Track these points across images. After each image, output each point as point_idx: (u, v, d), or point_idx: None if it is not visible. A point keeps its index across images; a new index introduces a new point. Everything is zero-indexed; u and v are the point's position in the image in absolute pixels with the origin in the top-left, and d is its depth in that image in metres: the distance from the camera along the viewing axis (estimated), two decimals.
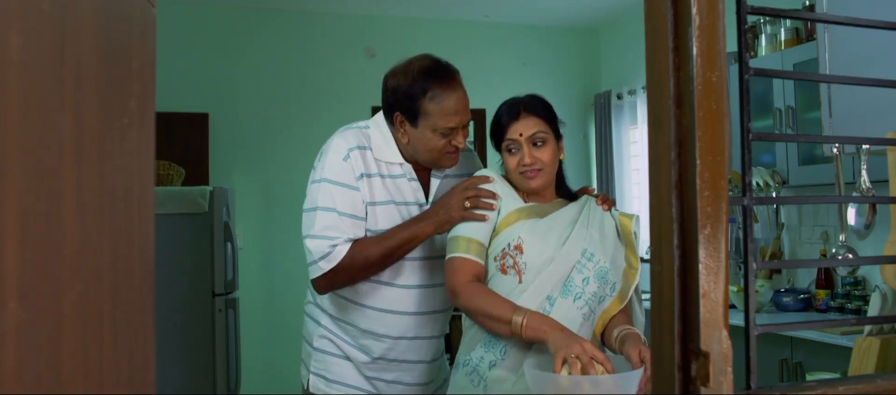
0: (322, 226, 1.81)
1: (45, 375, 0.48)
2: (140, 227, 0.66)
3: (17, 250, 0.45)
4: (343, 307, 1.93)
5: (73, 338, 0.52)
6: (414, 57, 1.90)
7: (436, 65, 1.85)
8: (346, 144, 1.87)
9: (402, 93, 1.84)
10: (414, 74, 1.83)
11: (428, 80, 1.81)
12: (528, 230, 1.74)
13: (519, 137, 1.75)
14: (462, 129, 1.85)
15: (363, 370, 1.93)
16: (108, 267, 0.58)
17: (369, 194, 1.85)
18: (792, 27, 3.77)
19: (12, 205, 0.45)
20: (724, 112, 0.72)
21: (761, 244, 4.09)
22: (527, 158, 1.75)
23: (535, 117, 1.76)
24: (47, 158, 0.49)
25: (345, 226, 1.81)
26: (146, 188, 0.68)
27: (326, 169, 1.85)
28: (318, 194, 1.84)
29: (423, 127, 1.82)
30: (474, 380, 1.71)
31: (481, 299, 1.69)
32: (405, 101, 1.83)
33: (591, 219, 1.79)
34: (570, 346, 1.52)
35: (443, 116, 1.80)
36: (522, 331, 1.61)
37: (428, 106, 1.81)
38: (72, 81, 0.52)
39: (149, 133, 0.68)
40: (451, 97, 1.81)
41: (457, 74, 1.87)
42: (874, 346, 1.78)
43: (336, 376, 1.95)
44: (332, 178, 1.84)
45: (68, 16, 0.52)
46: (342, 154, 1.85)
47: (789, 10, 0.89)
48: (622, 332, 1.70)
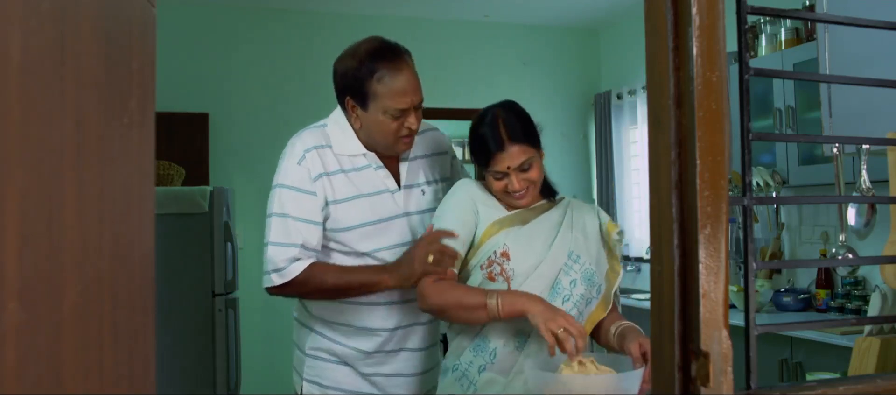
0: (276, 232, 1.82)
1: (45, 375, 0.48)
2: (140, 227, 0.66)
3: (17, 250, 0.45)
4: (336, 309, 1.90)
5: (73, 338, 0.52)
6: (362, 40, 1.88)
7: (383, 46, 1.82)
8: (303, 146, 1.86)
9: (351, 76, 1.82)
10: (361, 57, 1.81)
11: (375, 61, 1.79)
12: (513, 237, 1.73)
13: (507, 170, 1.71)
14: (414, 110, 1.82)
15: (360, 368, 1.91)
16: (108, 267, 0.58)
17: (332, 193, 1.84)
18: (792, 27, 3.77)
19: (12, 205, 0.45)
20: (724, 112, 0.72)
21: (761, 244, 4.09)
22: (516, 183, 1.71)
23: (520, 145, 1.69)
24: (48, 158, 0.49)
25: (298, 231, 1.80)
26: (146, 188, 0.68)
27: (281, 174, 1.86)
28: (273, 201, 1.86)
29: (374, 110, 1.80)
30: (463, 384, 1.71)
31: (451, 293, 1.69)
32: (354, 83, 1.81)
33: (574, 221, 1.79)
34: (553, 319, 1.53)
35: (393, 97, 1.78)
36: (499, 311, 1.61)
37: (377, 87, 1.78)
38: (72, 81, 0.52)
39: (149, 133, 0.68)
40: (399, 78, 1.78)
41: (405, 55, 1.84)
42: (874, 346, 1.78)
43: (331, 381, 1.92)
44: (285, 182, 1.84)
45: (68, 16, 0.52)
46: (297, 157, 1.85)
47: (789, 10, 0.89)
48: (619, 327, 1.71)
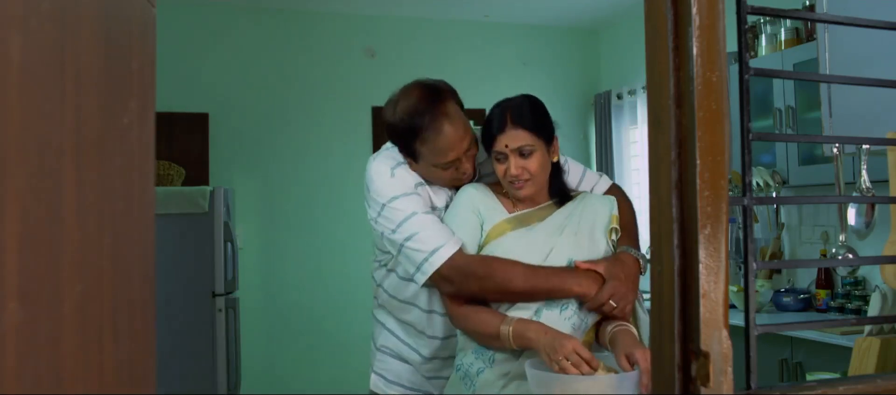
0: (412, 230, 1.74)
1: (45, 375, 0.48)
2: (140, 227, 0.66)
3: (17, 250, 0.45)
4: (401, 309, 1.93)
5: (73, 338, 0.52)
6: (402, 89, 1.82)
7: (421, 102, 1.76)
8: (387, 166, 1.82)
9: (396, 134, 1.80)
10: (401, 116, 1.77)
11: (415, 119, 1.74)
12: (513, 242, 1.73)
13: (505, 149, 1.71)
14: (465, 155, 1.79)
15: (421, 370, 1.94)
16: (108, 267, 0.58)
17: (429, 201, 1.82)
18: (792, 27, 3.77)
19: (13, 205, 0.45)
20: (724, 112, 0.72)
21: (761, 244, 4.09)
22: (513, 168, 1.71)
23: (522, 129, 1.70)
24: (48, 158, 0.49)
25: (431, 221, 1.75)
26: (146, 188, 0.68)
27: (382, 192, 1.78)
28: (390, 216, 1.77)
29: (424, 164, 1.79)
30: (466, 384, 1.73)
31: (471, 320, 1.71)
32: (400, 142, 1.80)
33: (581, 223, 1.76)
34: (561, 348, 1.53)
35: (438, 155, 1.76)
36: (510, 341, 1.64)
37: (421, 148, 1.76)
38: (72, 80, 0.52)
39: (149, 133, 0.68)
40: (440, 138, 1.74)
41: (447, 103, 1.77)
42: (874, 346, 1.78)
43: (394, 376, 1.97)
44: (394, 194, 1.78)
45: (68, 16, 0.52)
46: (387, 174, 1.80)
47: (789, 10, 0.89)
48: (615, 329, 1.68)
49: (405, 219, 1.75)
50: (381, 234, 1.82)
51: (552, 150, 1.77)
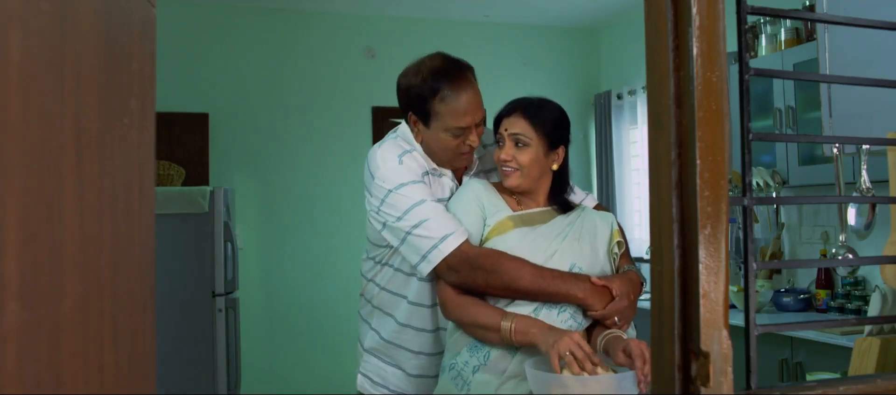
0: (421, 216, 1.74)
1: (45, 375, 0.48)
2: (140, 227, 0.66)
3: (17, 250, 0.45)
4: (390, 303, 1.92)
5: (73, 338, 0.52)
6: (426, 56, 1.89)
7: (446, 64, 1.85)
8: (393, 153, 1.83)
9: (414, 93, 1.83)
10: (424, 75, 1.83)
11: (438, 79, 1.81)
12: (518, 240, 1.74)
13: (503, 133, 1.77)
14: (475, 128, 1.84)
15: (408, 370, 1.93)
16: (108, 267, 0.58)
17: (431, 192, 1.83)
18: (792, 27, 3.77)
19: (13, 205, 0.45)
20: (725, 112, 0.72)
21: (761, 244, 4.09)
22: (504, 153, 1.76)
23: (523, 120, 1.76)
24: (48, 157, 0.49)
25: (440, 209, 1.76)
26: (146, 188, 0.68)
27: (389, 179, 1.78)
28: (397, 203, 1.76)
29: (436, 127, 1.82)
30: (459, 384, 1.72)
31: (470, 310, 1.71)
32: (417, 101, 1.83)
33: (583, 232, 1.79)
34: (563, 343, 1.54)
35: (454, 117, 1.80)
36: (512, 336, 1.64)
37: (439, 107, 1.80)
38: (72, 81, 0.52)
39: (149, 133, 0.68)
40: (461, 97, 1.80)
41: (468, 72, 1.86)
42: (874, 346, 1.78)
43: (380, 379, 1.97)
44: (402, 181, 1.78)
45: (68, 16, 0.52)
46: (394, 160, 1.81)
47: (789, 10, 0.89)
48: (606, 337, 1.70)
49: (413, 205, 1.75)
50: (382, 224, 1.82)
51: (553, 156, 1.79)
